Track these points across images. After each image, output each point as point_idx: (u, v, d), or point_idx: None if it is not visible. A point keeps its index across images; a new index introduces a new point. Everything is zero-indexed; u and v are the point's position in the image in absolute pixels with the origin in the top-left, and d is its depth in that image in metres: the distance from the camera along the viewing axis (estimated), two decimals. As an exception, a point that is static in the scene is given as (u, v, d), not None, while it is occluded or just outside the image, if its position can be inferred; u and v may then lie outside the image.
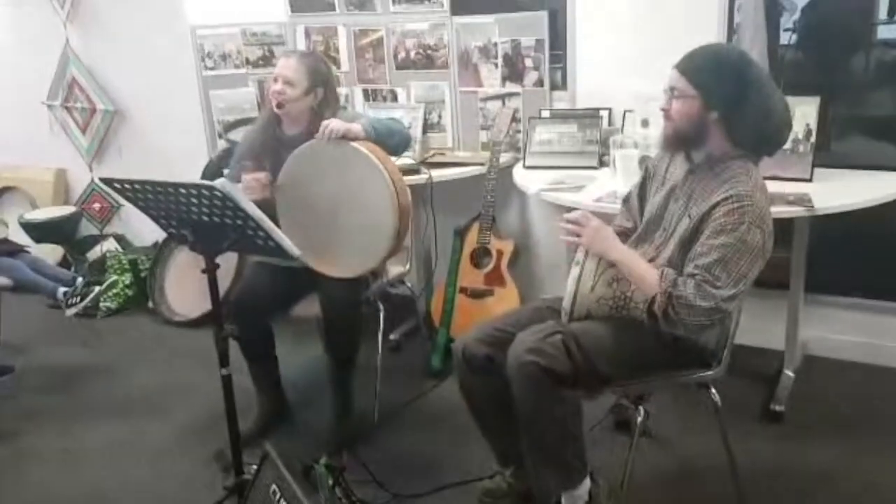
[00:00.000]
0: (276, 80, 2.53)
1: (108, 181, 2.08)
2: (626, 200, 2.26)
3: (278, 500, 1.95)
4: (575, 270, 1.91)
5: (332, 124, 2.33)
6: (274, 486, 1.97)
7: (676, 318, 1.77)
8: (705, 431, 2.29)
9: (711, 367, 2.02)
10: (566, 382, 1.82)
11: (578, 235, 1.92)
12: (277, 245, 2.00)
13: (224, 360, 2.13)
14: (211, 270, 2.08)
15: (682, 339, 1.89)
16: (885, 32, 2.81)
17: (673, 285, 1.78)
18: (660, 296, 1.78)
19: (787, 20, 2.94)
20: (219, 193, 1.87)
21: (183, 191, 1.94)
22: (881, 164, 2.68)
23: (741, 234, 1.77)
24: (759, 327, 2.88)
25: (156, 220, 2.15)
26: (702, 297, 1.75)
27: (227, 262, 3.45)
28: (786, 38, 2.96)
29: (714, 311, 1.77)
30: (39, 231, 4.10)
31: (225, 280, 3.31)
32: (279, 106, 2.52)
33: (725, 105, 1.84)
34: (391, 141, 2.46)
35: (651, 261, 1.92)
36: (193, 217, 2.01)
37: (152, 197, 2.03)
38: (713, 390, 2.07)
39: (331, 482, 2.05)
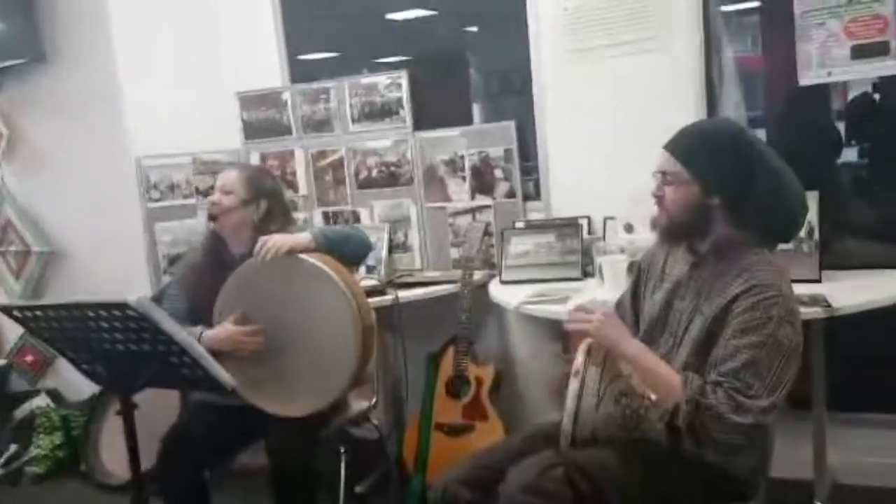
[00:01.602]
0: (215, 191, 2.33)
1: (5, 309, 1.75)
2: (618, 305, 1.98)
3: None
4: (574, 385, 1.57)
5: (272, 240, 2.07)
6: None
7: (704, 435, 1.46)
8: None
9: (747, 499, 1.67)
10: (575, 528, 1.44)
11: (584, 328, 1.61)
12: (207, 375, 1.65)
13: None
14: (127, 412, 1.72)
15: (711, 464, 1.54)
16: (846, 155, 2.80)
17: (701, 393, 1.46)
18: (685, 405, 1.46)
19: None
20: (133, 313, 1.55)
21: (91, 313, 1.61)
22: (882, 263, 2.50)
23: (771, 331, 1.49)
24: (777, 453, 2.53)
25: (64, 354, 1.82)
26: (734, 410, 1.45)
27: (171, 412, 3.05)
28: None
29: (753, 427, 1.46)
30: (-38, 388, 3.66)
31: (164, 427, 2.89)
32: (212, 218, 2.30)
33: (729, 189, 1.61)
34: (347, 247, 2.20)
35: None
36: (106, 346, 1.68)
37: (57, 325, 1.71)
38: (752, 531, 1.69)
39: None
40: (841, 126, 2.74)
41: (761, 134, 2.80)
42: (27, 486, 3.38)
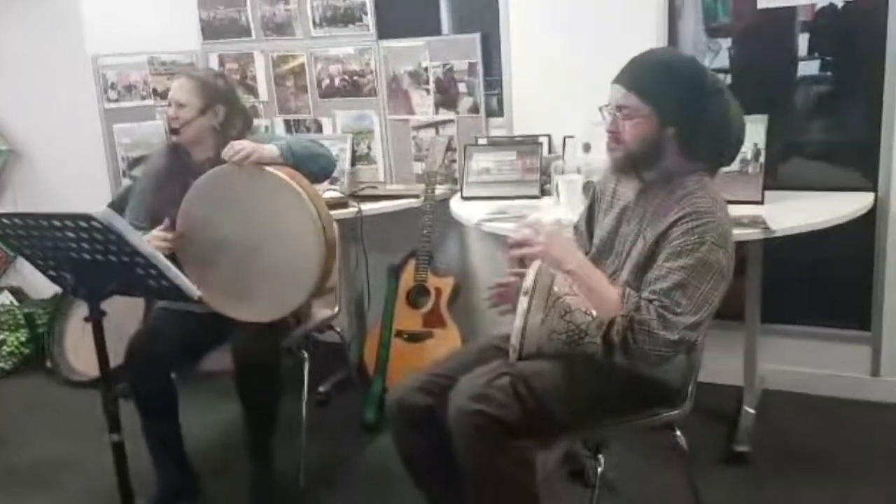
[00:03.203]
0: (169, 104, 2.29)
1: (-31, 216, 1.76)
2: (575, 228, 2.05)
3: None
4: (523, 302, 1.67)
5: (240, 145, 2.07)
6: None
7: (635, 347, 1.55)
8: (666, 477, 2.08)
9: (676, 406, 1.80)
10: (517, 432, 1.57)
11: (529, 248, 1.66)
12: (173, 285, 1.71)
13: (115, 425, 1.82)
14: (96, 319, 1.77)
15: (644, 375, 1.67)
16: (805, 69, 2.80)
17: (636, 308, 1.56)
18: (620, 318, 1.56)
19: (712, 61, 2.86)
20: (98, 224, 1.58)
21: (57, 223, 1.64)
22: (827, 185, 2.61)
23: (702, 255, 1.57)
24: (713, 362, 2.68)
25: (32, 261, 1.85)
26: (663, 326, 1.54)
27: (136, 311, 3.11)
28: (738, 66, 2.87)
29: (678, 343, 1.56)
30: (-79, 286, 3.65)
31: (131, 330, 2.96)
32: (174, 132, 2.28)
33: (683, 118, 1.65)
34: (313, 165, 2.21)
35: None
36: (73, 255, 1.71)
37: (24, 233, 1.73)
38: (678, 432, 1.85)
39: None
40: (804, 38, 2.72)
41: (724, 45, 2.81)
42: (-6, 381, 3.42)
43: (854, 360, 2.76)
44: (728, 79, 2.86)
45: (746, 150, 2.51)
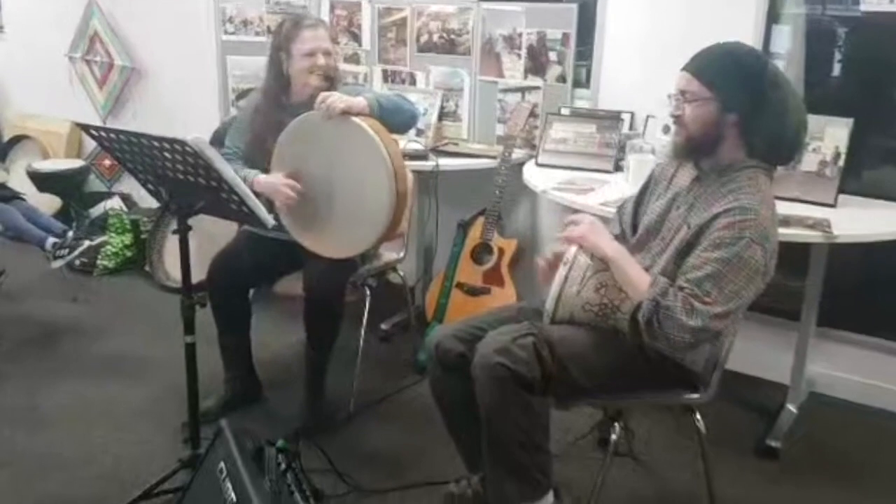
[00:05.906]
0: (312, 53, 2.43)
1: (84, 127, 2.01)
2: (620, 207, 2.13)
3: (224, 480, 1.85)
4: (562, 270, 1.78)
5: (333, 98, 2.22)
6: (222, 465, 1.87)
7: (659, 331, 1.64)
8: (692, 458, 2.14)
9: (698, 391, 1.87)
10: (534, 389, 1.69)
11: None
12: (251, 212, 1.91)
13: (189, 328, 2.06)
14: (182, 233, 2.00)
15: (668, 357, 1.74)
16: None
17: (662, 294, 1.64)
18: (647, 302, 1.64)
19: (837, 49, 2.77)
20: (190, 149, 1.78)
21: (156, 143, 1.86)
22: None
23: (739, 250, 1.63)
24: (764, 357, 2.75)
25: (134, 174, 2.08)
26: (688, 314, 1.62)
27: (231, 229, 3.36)
28: (837, 68, 2.79)
29: (701, 330, 1.63)
30: (46, 182, 4.06)
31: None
32: (328, 79, 2.44)
33: (744, 106, 1.71)
34: (397, 119, 2.35)
35: (646, 270, 1.79)
36: (168, 174, 1.93)
37: (128, 148, 1.96)
38: (698, 416, 1.92)
39: (283, 466, 1.93)
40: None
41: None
42: (98, 276, 3.79)
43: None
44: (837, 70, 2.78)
45: (826, 152, 2.49)
